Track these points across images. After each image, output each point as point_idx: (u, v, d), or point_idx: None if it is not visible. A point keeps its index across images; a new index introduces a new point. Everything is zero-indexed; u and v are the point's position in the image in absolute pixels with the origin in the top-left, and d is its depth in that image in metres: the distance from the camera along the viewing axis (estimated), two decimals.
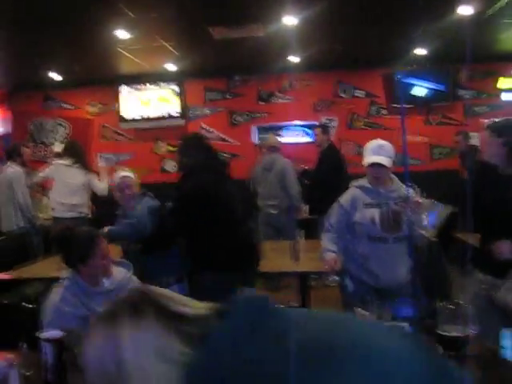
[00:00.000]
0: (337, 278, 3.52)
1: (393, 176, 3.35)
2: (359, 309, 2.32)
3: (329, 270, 3.34)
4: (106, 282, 2.68)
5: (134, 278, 2.86)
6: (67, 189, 6.15)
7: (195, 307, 1.01)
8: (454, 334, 2.15)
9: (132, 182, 3.96)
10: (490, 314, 2.96)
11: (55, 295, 2.60)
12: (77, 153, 6.27)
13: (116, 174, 4.02)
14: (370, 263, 3.26)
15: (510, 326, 2.84)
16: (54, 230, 3.11)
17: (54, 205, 6.16)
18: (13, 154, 6.11)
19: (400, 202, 3.14)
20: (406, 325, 2.10)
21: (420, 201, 2.92)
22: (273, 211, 6.22)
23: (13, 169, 5.94)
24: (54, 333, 2.02)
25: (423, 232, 2.88)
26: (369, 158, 3.23)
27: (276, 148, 6.51)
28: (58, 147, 6.67)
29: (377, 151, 3.23)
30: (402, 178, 3.10)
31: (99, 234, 2.74)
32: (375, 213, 3.17)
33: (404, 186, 3.18)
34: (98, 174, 6.40)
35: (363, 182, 3.35)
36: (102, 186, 6.37)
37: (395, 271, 3.26)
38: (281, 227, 6.18)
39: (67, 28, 5.44)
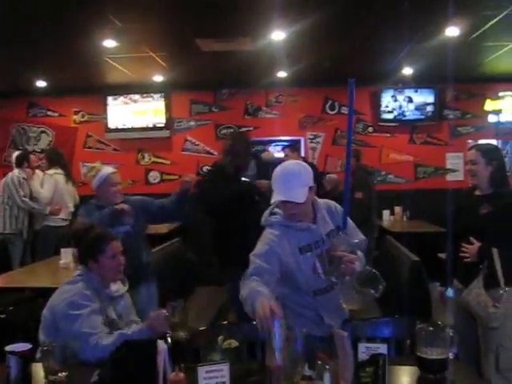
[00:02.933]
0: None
1: (316, 200, 2.63)
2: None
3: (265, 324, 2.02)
4: (113, 287, 2.73)
5: (127, 295, 2.86)
6: (66, 197, 6.31)
7: None
8: (434, 356, 2.12)
9: (119, 178, 3.87)
10: (465, 320, 3.21)
11: (73, 287, 2.56)
12: (63, 161, 6.43)
13: (101, 171, 3.82)
14: (324, 318, 2.58)
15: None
16: (71, 227, 3.25)
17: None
18: (22, 162, 6.40)
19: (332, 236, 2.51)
20: (383, 346, 2.05)
21: (355, 265, 2.35)
22: None
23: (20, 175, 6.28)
24: (19, 345, 1.97)
25: (343, 303, 2.42)
26: (275, 195, 2.47)
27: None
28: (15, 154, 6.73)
29: (283, 184, 2.46)
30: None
31: (114, 236, 2.78)
32: (314, 259, 2.50)
33: (327, 204, 2.68)
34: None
35: (281, 217, 2.57)
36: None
37: (342, 312, 2.65)
38: None
39: (53, 35, 5.39)
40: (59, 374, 2.12)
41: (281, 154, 7.42)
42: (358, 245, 2.58)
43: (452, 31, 5.43)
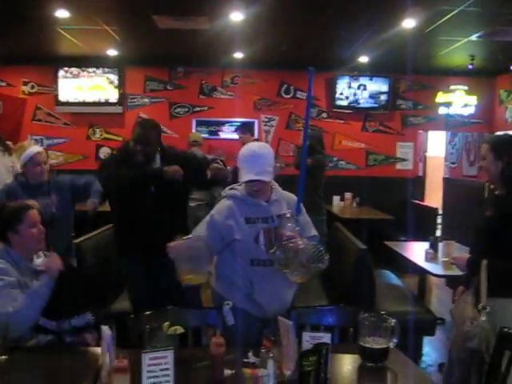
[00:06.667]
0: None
1: (274, 183, 2.82)
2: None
3: None
4: (37, 261, 2.71)
5: None
6: (3, 171, 5.90)
7: None
8: (375, 345, 2.18)
9: (45, 157, 3.89)
10: None
11: None
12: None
13: (27, 149, 3.84)
14: (255, 292, 2.68)
15: None
16: None
17: None
18: None
19: (283, 217, 2.60)
20: (327, 335, 2.08)
21: (301, 244, 2.45)
22: (191, 204, 6.43)
23: None
24: None
25: (290, 277, 2.49)
26: (245, 175, 2.63)
27: (197, 143, 6.73)
28: None
29: (253, 164, 2.62)
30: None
31: (30, 205, 2.77)
32: (259, 230, 2.66)
33: (289, 195, 2.82)
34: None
35: (238, 191, 2.76)
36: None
37: (282, 298, 2.76)
38: (199, 219, 6.28)
39: (5, 1, 5.18)
40: None
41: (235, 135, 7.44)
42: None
43: (408, 23, 5.50)
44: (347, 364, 2.24)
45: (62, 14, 5.52)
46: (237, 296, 2.67)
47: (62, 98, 8.12)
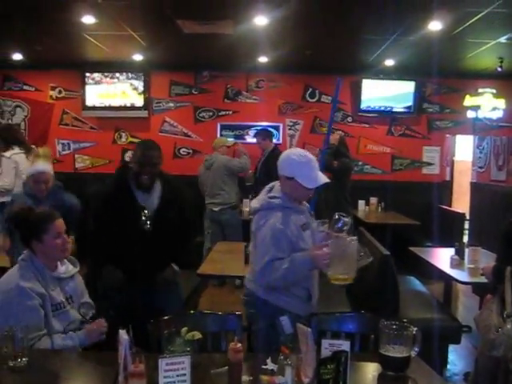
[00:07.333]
0: None
1: None
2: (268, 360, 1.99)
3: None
4: (61, 269, 2.70)
5: (79, 275, 2.81)
6: (19, 179, 5.94)
7: None
8: (396, 354, 2.13)
9: (50, 176, 3.88)
10: None
11: (12, 274, 2.56)
12: (21, 138, 6.02)
13: (33, 165, 3.87)
14: (312, 296, 2.74)
15: None
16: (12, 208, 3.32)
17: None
18: None
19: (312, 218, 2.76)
20: (346, 343, 2.05)
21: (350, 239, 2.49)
22: (215, 208, 6.67)
23: None
24: None
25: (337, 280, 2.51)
26: (312, 180, 2.64)
27: (214, 147, 6.93)
28: None
29: (316, 170, 2.66)
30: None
31: (58, 215, 2.73)
32: (314, 236, 2.70)
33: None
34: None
35: (280, 200, 2.67)
36: None
37: (318, 293, 2.84)
38: (223, 223, 6.64)
39: (31, 7, 5.26)
40: (19, 360, 2.09)
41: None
42: None
43: (435, 26, 5.42)
44: (367, 372, 2.20)
45: (88, 19, 5.60)
46: (292, 302, 2.66)
47: (89, 102, 8.22)
